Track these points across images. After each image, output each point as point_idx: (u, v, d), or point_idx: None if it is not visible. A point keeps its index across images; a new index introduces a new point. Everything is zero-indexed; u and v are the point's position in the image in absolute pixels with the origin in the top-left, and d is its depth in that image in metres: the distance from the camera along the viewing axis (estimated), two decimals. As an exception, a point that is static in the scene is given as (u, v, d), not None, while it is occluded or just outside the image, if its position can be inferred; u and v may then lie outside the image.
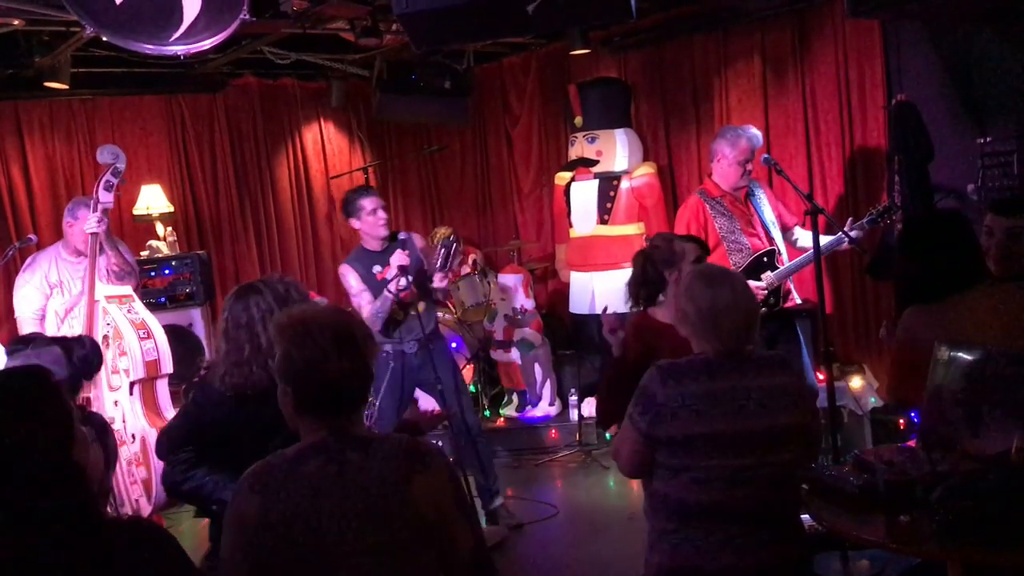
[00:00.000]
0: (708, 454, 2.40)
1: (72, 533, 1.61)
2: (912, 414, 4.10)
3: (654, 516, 2.53)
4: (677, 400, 2.41)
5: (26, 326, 4.90)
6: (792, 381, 2.48)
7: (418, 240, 4.89)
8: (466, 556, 1.97)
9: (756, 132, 5.01)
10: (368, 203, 4.69)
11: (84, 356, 3.34)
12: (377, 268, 4.70)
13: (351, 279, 4.72)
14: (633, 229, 6.36)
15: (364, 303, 4.64)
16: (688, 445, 2.42)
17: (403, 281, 4.51)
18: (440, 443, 5.16)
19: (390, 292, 4.52)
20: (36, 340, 3.39)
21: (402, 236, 4.74)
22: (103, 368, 4.56)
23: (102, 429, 3.39)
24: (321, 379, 1.92)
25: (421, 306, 4.66)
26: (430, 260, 4.73)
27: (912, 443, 3.10)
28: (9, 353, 3.24)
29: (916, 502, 2.35)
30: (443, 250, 4.63)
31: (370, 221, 4.69)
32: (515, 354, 6.55)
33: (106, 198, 4.68)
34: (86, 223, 4.69)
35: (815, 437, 2.62)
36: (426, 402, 5.38)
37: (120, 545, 1.65)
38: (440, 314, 5.62)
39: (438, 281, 4.65)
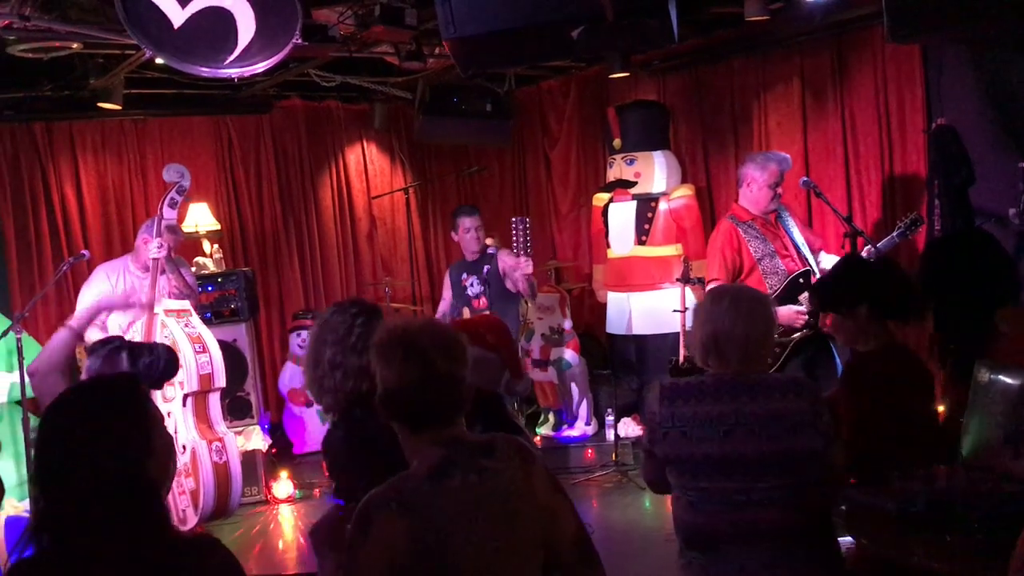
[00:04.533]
0: (695, 477, 2.44)
1: (138, 547, 1.61)
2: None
3: (676, 535, 2.57)
4: (669, 420, 2.47)
5: (81, 304, 4.83)
6: (798, 406, 2.38)
7: (504, 255, 5.41)
8: (570, 536, 2.01)
9: (785, 156, 5.06)
10: (465, 222, 5.56)
11: (148, 363, 3.26)
12: (464, 275, 5.60)
13: (445, 287, 5.79)
14: (671, 250, 6.39)
15: (441, 307, 5.79)
16: (680, 466, 2.47)
17: (477, 287, 5.41)
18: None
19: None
20: (112, 343, 3.29)
21: (490, 251, 5.41)
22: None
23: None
24: (430, 390, 1.93)
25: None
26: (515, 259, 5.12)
27: None
28: (89, 352, 3.24)
29: (957, 522, 2.36)
30: (517, 233, 4.96)
31: (465, 238, 5.57)
32: (552, 373, 6.60)
33: (170, 215, 4.87)
34: (148, 247, 4.82)
35: (830, 465, 2.44)
36: None
37: (187, 564, 1.65)
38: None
39: (525, 266, 5.02)
